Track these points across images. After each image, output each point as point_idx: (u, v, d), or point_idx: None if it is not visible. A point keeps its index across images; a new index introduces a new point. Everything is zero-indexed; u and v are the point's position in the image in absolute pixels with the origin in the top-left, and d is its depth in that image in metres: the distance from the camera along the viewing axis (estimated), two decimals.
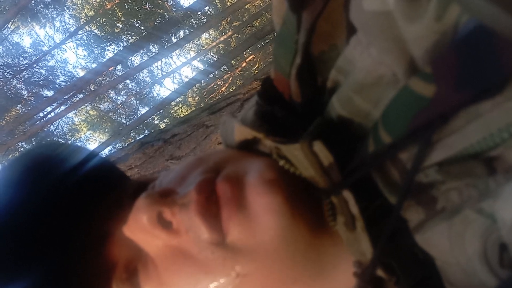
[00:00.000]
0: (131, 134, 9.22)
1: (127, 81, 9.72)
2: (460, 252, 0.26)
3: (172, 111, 10.75)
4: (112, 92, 10.01)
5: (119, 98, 10.53)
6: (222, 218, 0.35)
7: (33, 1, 8.25)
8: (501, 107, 0.24)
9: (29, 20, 9.16)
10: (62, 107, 8.12)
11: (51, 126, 9.27)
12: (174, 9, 9.44)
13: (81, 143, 10.88)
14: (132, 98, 10.48)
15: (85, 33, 10.06)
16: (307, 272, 0.36)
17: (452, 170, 0.27)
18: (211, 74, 9.50)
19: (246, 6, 9.15)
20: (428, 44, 0.26)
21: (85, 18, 9.94)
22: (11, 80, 8.57)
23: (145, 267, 0.37)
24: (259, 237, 0.34)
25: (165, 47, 9.20)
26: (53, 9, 9.43)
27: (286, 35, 0.38)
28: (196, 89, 10.44)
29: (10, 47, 9.08)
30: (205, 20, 9.38)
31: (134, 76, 9.66)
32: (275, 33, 0.42)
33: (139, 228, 0.36)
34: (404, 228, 0.30)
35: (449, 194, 0.27)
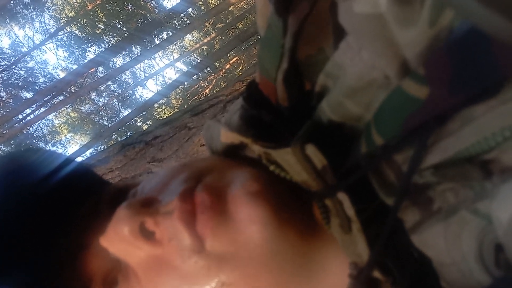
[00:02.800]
0: (113, 136, 9.11)
1: (109, 82, 9.61)
2: (456, 252, 0.26)
3: (155, 113, 10.68)
4: (94, 94, 9.88)
5: (100, 100, 10.42)
6: (197, 224, 0.34)
7: (12, 2, 8.09)
8: (495, 110, 0.24)
9: (7, 20, 8.99)
10: (42, 109, 7.97)
11: (31, 128, 9.11)
12: (156, 11, 9.37)
13: (62, 145, 10.72)
14: (114, 100, 10.37)
15: (66, 34, 9.92)
16: (297, 277, 0.35)
17: (447, 173, 0.27)
18: (195, 76, 9.46)
19: (230, 8, 9.16)
20: (421, 48, 0.26)
21: (65, 19, 9.80)
22: None
23: (126, 279, 0.36)
24: (243, 246, 0.34)
25: (148, 48, 9.12)
26: (32, 10, 9.27)
27: (271, 39, 0.37)
28: (179, 91, 10.39)
29: None
30: (188, 21, 9.35)
31: (116, 78, 9.56)
32: (259, 36, 0.42)
33: (120, 239, 0.35)
34: (400, 228, 0.30)
35: (445, 195, 0.27)
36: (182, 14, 9.13)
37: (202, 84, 10.50)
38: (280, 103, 0.40)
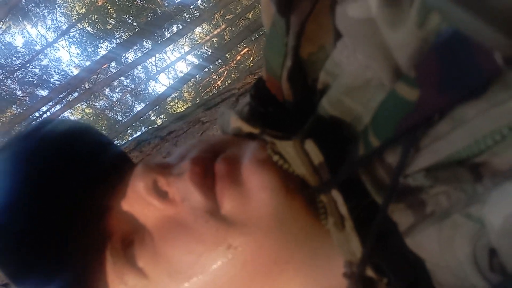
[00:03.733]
0: (128, 131, 9.20)
1: (122, 78, 9.66)
2: (450, 255, 0.26)
3: (168, 106, 10.72)
4: (107, 90, 9.96)
5: (114, 95, 10.49)
6: (216, 190, 0.36)
7: (23, 0, 8.16)
8: (485, 113, 0.24)
9: (20, 19, 9.08)
10: (58, 106, 8.08)
11: None
12: (166, 4, 9.36)
13: None
14: (128, 95, 10.44)
15: (78, 31, 9.99)
16: (300, 256, 0.36)
17: (439, 176, 0.27)
18: (206, 69, 9.45)
19: None
20: (411, 50, 0.26)
21: (76, 16, 9.86)
22: (5, 80, 8.52)
23: (141, 240, 0.38)
24: (253, 212, 0.35)
25: (159, 42, 9.14)
26: (44, 8, 9.34)
27: (275, 37, 0.38)
28: (191, 84, 10.40)
29: (3, 47, 9.01)
30: (198, 14, 9.32)
31: (129, 73, 9.61)
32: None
33: (136, 197, 0.37)
34: (395, 230, 0.30)
35: (437, 198, 0.27)
36: (191, 7, 9.11)
37: (214, 76, 10.49)
38: (286, 100, 0.41)
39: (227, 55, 9.38)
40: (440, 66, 0.25)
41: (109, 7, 9.46)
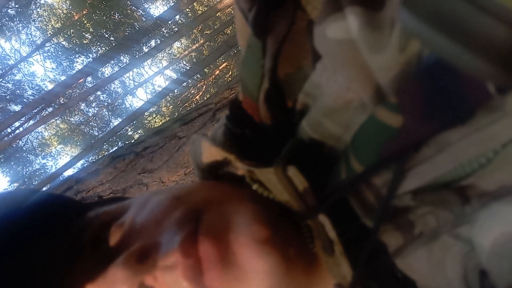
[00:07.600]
0: (104, 147, 9.06)
1: (98, 92, 9.56)
2: (441, 276, 0.26)
3: (146, 121, 10.63)
4: (83, 105, 9.81)
5: (90, 110, 10.35)
6: (205, 280, 0.32)
7: None
8: (469, 138, 0.24)
9: None
10: (31, 122, 7.91)
11: (20, 142, 9.02)
12: (144, 19, 9.36)
13: (52, 158, 10.62)
14: (104, 110, 10.32)
15: (53, 45, 9.85)
16: None
17: (425, 198, 0.27)
18: (185, 83, 9.44)
19: (217, 14, 9.17)
20: (394, 74, 0.26)
21: (52, 30, 9.74)
22: None
23: None
24: None
25: (136, 57, 9.10)
26: (18, 22, 9.21)
27: (251, 59, 0.37)
28: (169, 99, 10.37)
29: None
30: (176, 29, 9.34)
31: (105, 88, 9.51)
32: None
33: None
34: (384, 251, 0.30)
35: (425, 218, 0.27)
36: (169, 22, 9.12)
37: (192, 91, 10.49)
38: (264, 122, 0.39)
39: (205, 69, 9.41)
40: (424, 93, 0.24)
41: (85, 22, 9.38)
